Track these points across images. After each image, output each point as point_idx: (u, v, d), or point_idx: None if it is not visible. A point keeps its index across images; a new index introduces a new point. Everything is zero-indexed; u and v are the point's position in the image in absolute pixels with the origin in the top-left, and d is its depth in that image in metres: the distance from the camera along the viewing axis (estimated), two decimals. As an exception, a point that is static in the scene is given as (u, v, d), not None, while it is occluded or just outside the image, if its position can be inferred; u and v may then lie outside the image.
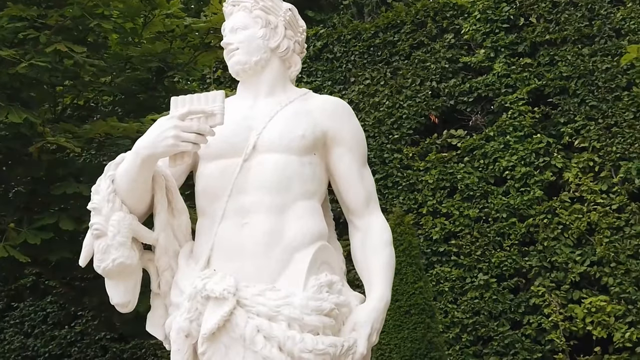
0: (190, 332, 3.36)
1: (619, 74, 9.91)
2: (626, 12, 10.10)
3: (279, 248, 3.46)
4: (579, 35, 10.26)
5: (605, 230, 9.49)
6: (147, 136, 3.44)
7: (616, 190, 9.64)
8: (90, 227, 3.48)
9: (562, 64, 10.17)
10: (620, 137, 9.73)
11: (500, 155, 10.10)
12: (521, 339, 9.51)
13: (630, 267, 9.29)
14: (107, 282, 3.53)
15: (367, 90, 11.07)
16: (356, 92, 11.13)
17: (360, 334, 3.43)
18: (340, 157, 3.75)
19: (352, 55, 11.41)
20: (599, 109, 9.91)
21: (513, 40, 10.52)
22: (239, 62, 3.79)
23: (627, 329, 9.15)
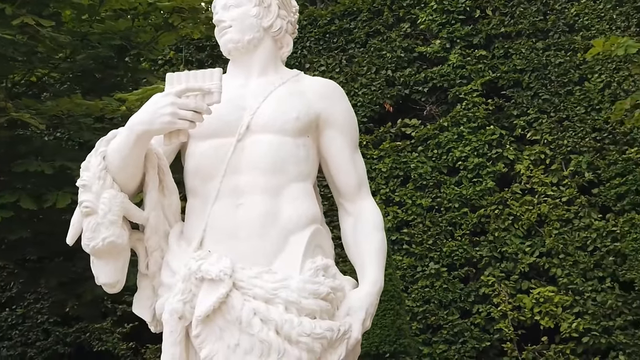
0: (183, 314, 3.28)
1: (571, 68, 10.08)
2: (580, 7, 10.27)
3: (274, 230, 3.40)
4: (534, 29, 10.39)
5: (554, 222, 9.65)
6: (142, 112, 3.34)
7: (566, 183, 9.81)
8: (80, 204, 3.37)
9: (517, 57, 10.29)
10: (571, 131, 9.89)
11: (454, 146, 10.18)
12: (470, 328, 9.62)
13: (578, 259, 9.47)
14: (95, 261, 3.42)
15: (322, 77, 11.01)
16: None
17: (355, 319, 3.39)
18: (332, 140, 3.71)
19: (308, 41, 11.36)
20: (551, 102, 10.06)
21: (469, 32, 10.60)
22: (232, 40, 3.72)
23: (574, 320, 9.34)
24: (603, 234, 9.52)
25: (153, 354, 10.56)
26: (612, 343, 9.25)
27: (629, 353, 9.16)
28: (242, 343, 3.21)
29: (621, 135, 9.74)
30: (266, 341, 3.18)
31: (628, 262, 9.34)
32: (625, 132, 9.70)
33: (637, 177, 9.49)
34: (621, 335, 9.20)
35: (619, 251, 9.42)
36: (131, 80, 7.96)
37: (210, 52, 11.74)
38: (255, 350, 3.19)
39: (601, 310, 9.31)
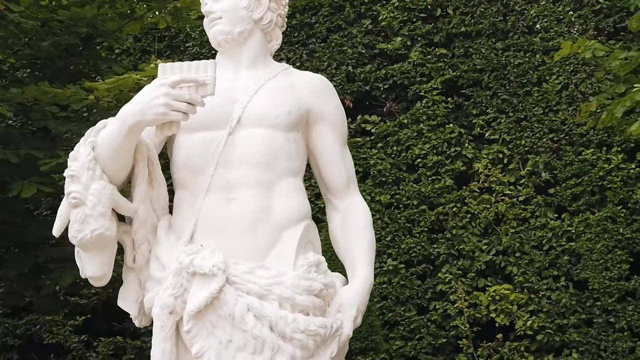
0: (174, 308, 3.24)
1: (530, 69, 10.20)
2: (539, 9, 10.40)
3: (267, 225, 3.37)
4: (494, 30, 10.48)
5: (511, 220, 9.77)
6: (134, 103, 3.27)
7: (523, 183, 9.93)
8: (67, 195, 3.29)
9: (476, 57, 10.38)
10: (529, 131, 10.02)
11: (413, 143, 10.23)
12: (427, 324, 9.69)
13: (534, 258, 9.60)
14: (82, 254, 3.36)
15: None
16: (271, 72, 11.01)
17: (346, 316, 3.39)
18: (322, 135, 3.69)
19: (268, 34, 11.27)
20: (509, 102, 10.17)
21: (429, 30, 10.65)
22: (222, 32, 3.67)
23: (529, 317, 9.47)
24: (558, 234, 9.67)
25: (105, 347, 10.43)
26: (566, 341, 9.40)
27: (582, 351, 9.32)
28: (234, 339, 3.18)
29: (577, 136, 9.89)
30: (260, 337, 3.15)
31: (582, 262, 9.50)
32: (582, 133, 9.86)
33: (593, 178, 9.65)
34: (574, 334, 9.36)
35: (574, 251, 9.58)
36: (93, 69, 7.82)
37: (169, 43, 11.61)
38: (248, 347, 3.16)
39: (555, 308, 9.46)
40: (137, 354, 10.37)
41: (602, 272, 9.40)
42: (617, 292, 9.34)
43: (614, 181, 9.61)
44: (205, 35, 10.95)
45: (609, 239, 9.45)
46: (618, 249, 9.43)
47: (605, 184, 9.64)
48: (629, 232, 9.44)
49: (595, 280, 9.39)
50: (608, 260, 9.41)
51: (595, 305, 9.41)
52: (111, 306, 10.11)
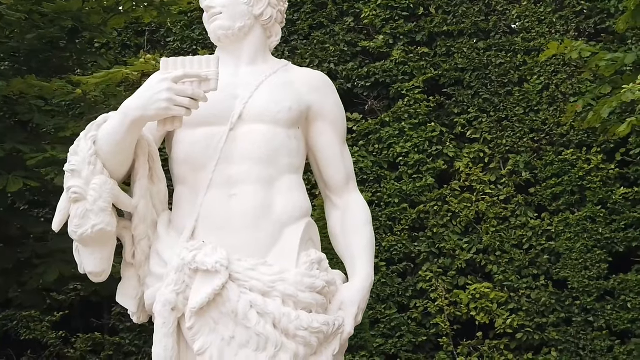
0: (176, 305, 3.23)
1: (511, 69, 10.25)
2: (521, 10, 10.45)
3: (269, 222, 3.37)
4: (475, 29, 10.52)
5: (492, 219, 9.82)
6: (137, 97, 3.26)
7: (504, 182, 9.98)
8: (67, 190, 3.28)
9: (458, 56, 10.41)
10: (510, 130, 10.07)
11: (395, 141, 10.24)
12: (407, 322, 9.71)
13: (514, 256, 9.66)
14: (81, 249, 3.34)
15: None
16: (252, 69, 10.97)
17: (348, 313, 3.40)
18: (322, 133, 3.70)
19: (250, 30, 11.23)
20: (491, 102, 10.21)
21: (412, 29, 10.66)
22: (222, 27, 3.67)
23: (509, 316, 9.52)
24: (538, 233, 9.73)
25: (84, 343, 10.34)
26: (545, 339, 9.47)
27: (560, 349, 9.39)
28: (237, 336, 3.18)
29: (558, 136, 9.95)
30: (263, 334, 3.15)
31: (562, 261, 9.57)
32: (562, 133, 9.92)
33: (573, 178, 9.72)
34: (554, 332, 9.42)
35: (554, 250, 9.64)
36: (76, 63, 7.76)
37: (150, 37, 11.53)
38: (251, 344, 3.16)
39: (535, 307, 9.52)
40: (115, 351, 10.30)
41: (581, 271, 9.48)
42: (596, 292, 9.42)
43: (594, 181, 9.69)
44: (187, 30, 10.89)
45: (589, 238, 9.53)
46: (597, 248, 9.51)
47: (585, 184, 9.72)
48: (608, 232, 9.52)
49: (575, 280, 9.46)
50: (587, 260, 9.49)
51: (574, 304, 9.48)
52: (89, 302, 10.09)
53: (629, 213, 9.54)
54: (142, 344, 10.25)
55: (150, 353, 9.60)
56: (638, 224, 9.51)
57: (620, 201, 9.58)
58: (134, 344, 10.25)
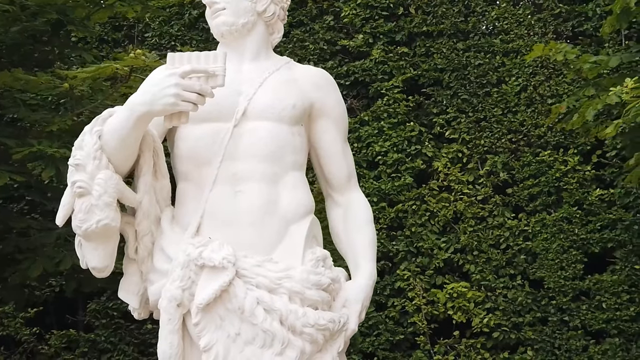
0: (182, 301, 3.21)
1: (490, 70, 10.32)
2: (500, 11, 10.52)
3: (274, 219, 3.38)
4: (455, 30, 10.57)
5: (469, 219, 9.88)
6: (143, 92, 3.24)
7: (482, 182, 10.05)
8: (72, 184, 3.25)
9: (437, 57, 10.46)
10: (488, 131, 10.14)
11: (374, 140, 10.27)
12: (385, 321, 9.74)
13: (491, 256, 9.73)
14: (85, 244, 3.31)
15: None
16: (231, 66, 10.93)
17: (352, 311, 3.42)
18: (325, 130, 3.71)
19: (229, 27, 11.19)
20: (469, 102, 10.28)
21: (391, 29, 10.69)
22: (226, 23, 3.67)
23: (486, 315, 9.59)
24: (515, 233, 9.81)
25: (58, 340, 10.25)
26: (521, 338, 9.56)
27: (536, 348, 9.48)
28: (243, 332, 3.17)
29: (535, 138, 10.04)
30: (270, 331, 3.15)
31: (538, 261, 9.66)
32: (540, 135, 10.01)
33: (550, 179, 9.81)
34: (530, 331, 9.51)
35: (530, 250, 9.73)
36: (58, 57, 7.68)
37: (127, 32, 11.44)
38: (257, 340, 3.16)
39: (511, 306, 9.60)
40: (90, 348, 10.21)
41: (557, 271, 9.58)
42: (572, 292, 9.52)
43: (570, 182, 9.79)
44: (165, 26, 10.81)
45: (565, 239, 9.63)
46: (573, 249, 9.62)
47: (561, 185, 9.82)
48: (584, 232, 9.63)
49: (551, 280, 9.56)
50: (563, 260, 9.59)
51: (550, 304, 9.58)
52: (64, 298, 9.99)
53: (604, 214, 9.65)
54: (117, 341, 10.19)
55: (125, 350, 9.55)
56: (613, 225, 9.63)
57: (596, 202, 9.69)
58: (109, 341, 10.18)
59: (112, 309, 10.26)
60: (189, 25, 11.30)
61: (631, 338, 9.36)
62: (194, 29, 11.32)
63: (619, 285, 9.44)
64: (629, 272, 9.46)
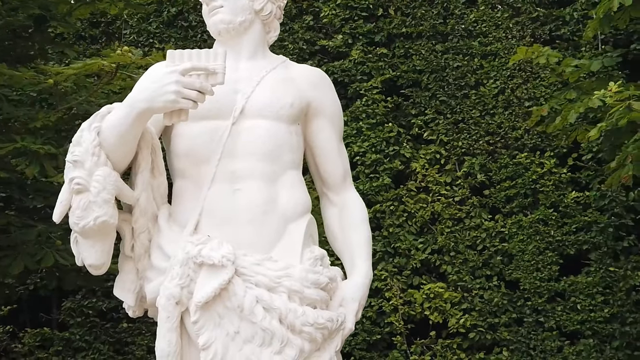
0: (180, 299, 3.20)
1: (468, 72, 10.39)
2: (478, 14, 10.59)
3: (273, 217, 3.38)
4: (434, 32, 10.63)
5: (447, 220, 9.94)
6: (143, 89, 3.22)
7: (459, 184, 10.11)
8: (70, 181, 3.23)
9: (416, 58, 10.51)
10: (466, 133, 10.20)
11: (353, 141, 10.29)
12: (362, 321, 9.76)
13: (467, 257, 9.79)
14: (82, 241, 3.29)
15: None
16: (210, 64, 10.89)
17: (349, 310, 3.43)
18: (321, 129, 3.71)
19: (208, 25, 11.15)
20: (448, 104, 10.33)
21: (371, 29, 10.72)
22: (223, 21, 3.65)
23: (462, 316, 9.66)
24: (492, 234, 9.89)
25: (32, 338, 10.15)
26: (497, 339, 9.63)
27: (512, 349, 9.56)
28: (242, 331, 3.17)
29: (512, 140, 10.12)
30: (269, 330, 3.14)
31: (514, 262, 9.75)
32: (517, 137, 10.10)
33: (526, 181, 9.90)
34: (505, 332, 9.59)
35: (506, 251, 9.81)
36: (39, 52, 7.61)
37: (105, 29, 11.35)
38: (257, 339, 3.15)
39: (487, 307, 9.67)
40: (65, 346, 10.13)
41: (533, 272, 9.67)
42: (547, 293, 9.62)
43: (546, 185, 9.88)
44: (144, 23, 10.73)
45: (540, 240, 9.72)
46: (549, 250, 9.71)
47: (537, 187, 9.91)
48: (560, 234, 9.73)
49: (526, 281, 9.65)
50: (539, 262, 9.68)
51: (525, 304, 9.66)
52: (37, 296, 9.90)
53: (579, 217, 9.76)
54: (92, 339, 10.12)
55: (100, 349, 9.46)
56: (588, 227, 9.74)
57: (572, 205, 9.80)
58: (84, 340, 10.11)
59: (87, 307, 10.19)
60: (167, 23, 11.25)
61: (605, 339, 9.47)
62: (173, 26, 11.28)
63: (594, 287, 9.55)
64: (603, 274, 9.57)
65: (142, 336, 10.04)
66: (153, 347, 9.93)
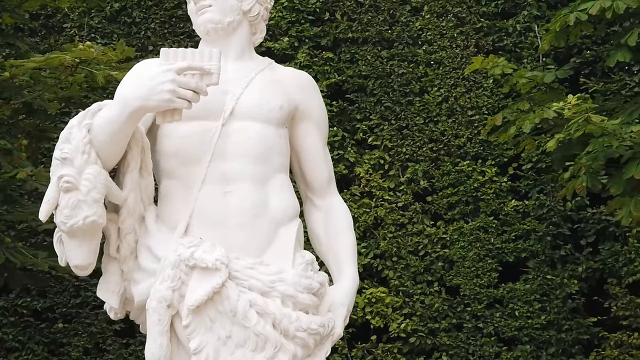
0: (172, 302, 3.14)
1: (413, 79, 10.48)
2: (424, 22, 10.70)
3: (265, 221, 3.35)
4: (380, 38, 10.69)
5: (389, 226, 10.01)
6: (136, 87, 3.14)
7: (402, 189, 10.19)
8: (58, 178, 3.13)
9: (362, 63, 10.55)
10: (410, 139, 10.30)
11: (297, 144, 10.25)
12: (303, 324, 9.73)
13: (409, 262, 9.88)
14: (68, 241, 3.19)
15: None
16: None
17: (337, 315, 3.42)
18: (307, 133, 3.70)
19: (152, 22, 11.01)
20: (392, 110, 10.41)
21: (317, 33, 10.73)
22: (212, 20, 3.61)
23: (403, 320, 9.73)
24: (434, 240, 10.00)
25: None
26: (437, 344, 9.74)
27: (451, 354, 9.68)
28: (234, 335, 3.13)
29: (455, 148, 10.25)
30: (262, 335, 3.11)
31: (455, 268, 9.87)
32: (459, 145, 10.23)
33: (468, 188, 10.04)
34: (445, 337, 9.70)
35: (447, 257, 9.93)
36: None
37: (45, 22, 11.08)
38: (249, 344, 3.12)
39: (428, 312, 9.77)
40: (-3, 346, 9.84)
41: (473, 279, 9.81)
42: (486, 299, 9.77)
43: (487, 193, 10.05)
44: (85, 17, 10.48)
45: (481, 247, 9.88)
46: (489, 257, 9.87)
47: (479, 195, 10.06)
48: (499, 242, 9.90)
49: (467, 287, 9.78)
50: (479, 268, 9.83)
51: (465, 310, 9.80)
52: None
53: (519, 225, 9.94)
54: (26, 339, 9.85)
55: (35, 350, 9.22)
56: (527, 235, 9.93)
57: (512, 213, 9.98)
58: (17, 340, 9.82)
59: (21, 307, 9.91)
60: (109, 18, 11.04)
61: (541, 345, 9.67)
62: (115, 22, 11.07)
63: (531, 294, 9.75)
64: (541, 282, 9.78)
65: (78, 337, 9.82)
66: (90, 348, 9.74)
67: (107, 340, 9.84)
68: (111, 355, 9.79)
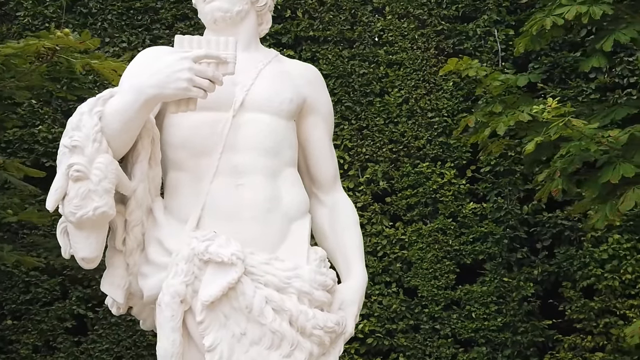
0: (185, 297, 3.03)
1: (374, 80, 10.46)
2: (385, 23, 10.69)
3: (277, 215, 3.27)
4: (341, 38, 10.64)
5: (348, 226, 9.93)
6: (152, 74, 3.04)
7: (362, 190, 10.16)
8: (68, 167, 3.00)
9: (323, 62, 10.49)
10: (370, 140, 10.27)
11: (257, 141, 10.14)
12: (260, 324, 9.63)
13: (368, 263, 9.80)
14: (75, 232, 3.06)
15: (123, 54, 10.51)
16: (110, 54, 10.51)
17: (348, 313, 3.36)
18: (314, 127, 3.64)
19: (110, 14, 10.76)
20: (353, 110, 10.37)
21: (278, 30, 10.63)
22: (221, 9, 3.52)
23: (360, 321, 9.69)
24: (392, 241, 9.98)
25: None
26: (394, 345, 9.72)
27: (408, 355, 9.68)
28: (249, 332, 3.04)
29: (415, 149, 10.26)
30: (279, 332, 3.03)
31: (413, 270, 9.88)
32: (419, 147, 10.24)
33: (427, 190, 10.06)
34: (402, 338, 9.70)
35: (406, 259, 9.93)
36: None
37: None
38: (265, 341, 3.03)
39: (386, 313, 9.76)
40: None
41: (430, 280, 9.83)
42: (444, 301, 9.80)
43: (446, 195, 10.08)
44: (39, 6, 10.23)
45: (439, 249, 9.90)
46: (446, 259, 9.90)
47: (437, 197, 10.09)
48: (457, 244, 9.94)
49: (424, 288, 9.80)
50: (437, 270, 9.85)
51: (423, 312, 9.81)
52: None
53: (476, 227, 9.99)
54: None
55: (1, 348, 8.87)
56: (485, 238, 9.99)
57: (470, 215, 10.03)
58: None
59: (-32, 303, 9.59)
60: (65, 8, 10.76)
61: (497, 347, 9.74)
62: (71, 12, 10.80)
63: (488, 296, 9.81)
64: (497, 284, 9.84)
65: (27, 334, 9.53)
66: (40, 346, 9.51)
67: (58, 338, 9.57)
68: (62, 353, 9.54)
